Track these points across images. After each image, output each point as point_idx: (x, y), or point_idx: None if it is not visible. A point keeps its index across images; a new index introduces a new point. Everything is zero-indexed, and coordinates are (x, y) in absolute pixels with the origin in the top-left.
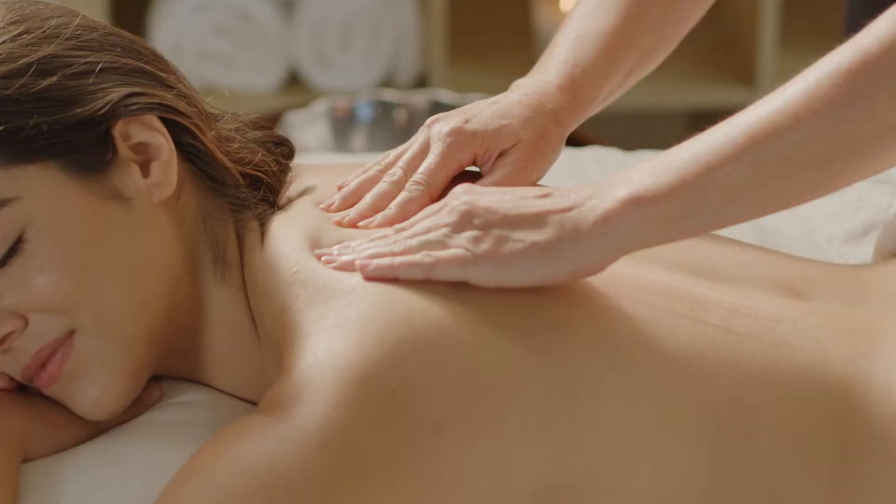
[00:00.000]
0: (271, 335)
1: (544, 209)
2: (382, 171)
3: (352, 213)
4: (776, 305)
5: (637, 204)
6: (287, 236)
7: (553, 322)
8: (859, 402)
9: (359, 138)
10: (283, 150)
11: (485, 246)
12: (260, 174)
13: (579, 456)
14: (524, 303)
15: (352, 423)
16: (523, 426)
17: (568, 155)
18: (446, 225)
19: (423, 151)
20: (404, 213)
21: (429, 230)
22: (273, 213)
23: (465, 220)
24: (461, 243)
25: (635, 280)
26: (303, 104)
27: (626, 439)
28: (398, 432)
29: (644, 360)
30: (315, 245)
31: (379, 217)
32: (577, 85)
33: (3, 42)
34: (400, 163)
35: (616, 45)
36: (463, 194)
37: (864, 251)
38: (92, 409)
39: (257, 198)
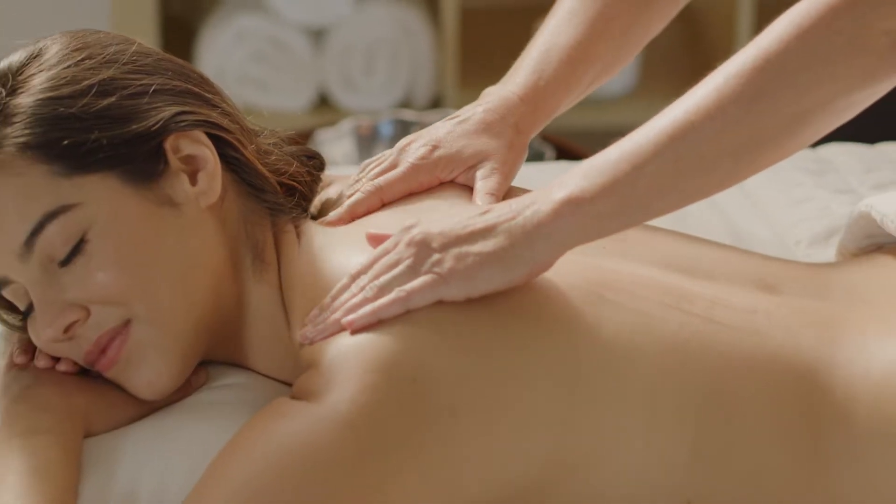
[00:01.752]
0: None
1: (491, 222)
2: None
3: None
4: (752, 298)
5: (575, 205)
6: (339, 249)
7: (555, 312)
8: (824, 385)
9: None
10: (315, 163)
11: (448, 265)
12: (294, 183)
13: (579, 434)
14: (530, 298)
15: (377, 406)
16: (530, 408)
17: (565, 165)
18: (408, 257)
19: (390, 169)
20: (352, 213)
21: (392, 267)
22: (307, 217)
23: (424, 247)
24: (427, 269)
25: (629, 276)
26: (331, 123)
27: (620, 419)
28: (418, 415)
29: (636, 345)
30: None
31: (332, 215)
32: (539, 96)
33: (68, 66)
34: (366, 178)
35: (579, 58)
36: (413, 227)
37: (828, 252)
38: (146, 390)
39: (292, 203)
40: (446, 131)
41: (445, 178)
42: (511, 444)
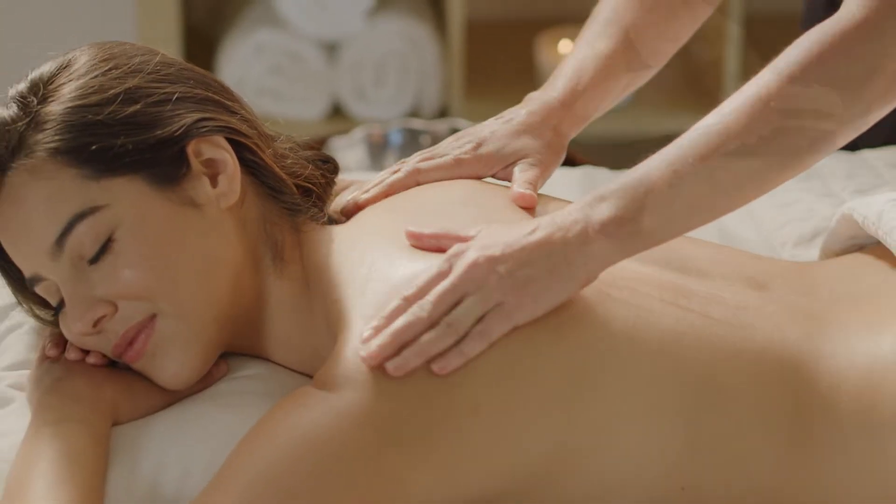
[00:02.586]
0: (329, 318)
1: (542, 240)
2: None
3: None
4: (743, 295)
5: (618, 225)
6: (359, 243)
7: (567, 311)
8: (810, 376)
9: (391, 160)
10: (329, 167)
11: (519, 291)
12: (309, 185)
13: (584, 427)
14: None
15: (398, 403)
16: (545, 402)
17: (565, 171)
18: (476, 285)
19: (434, 158)
20: (387, 192)
21: (454, 293)
22: (324, 216)
23: (491, 273)
24: (498, 297)
25: (631, 273)
26: (344, 131)
27: (621, 410)
28: (439, 413)
29: (637, 340)
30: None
31: (372, 190)
32: (577, 100)
33: (96, 76)
34: (409, 162)
35: (613, 65)
36: (469, 251)
37: (812, 253)
38: (170, 381)
39: (308, 204)
40: (491, 130)
41: (485, 173)
42: (524, 435)
